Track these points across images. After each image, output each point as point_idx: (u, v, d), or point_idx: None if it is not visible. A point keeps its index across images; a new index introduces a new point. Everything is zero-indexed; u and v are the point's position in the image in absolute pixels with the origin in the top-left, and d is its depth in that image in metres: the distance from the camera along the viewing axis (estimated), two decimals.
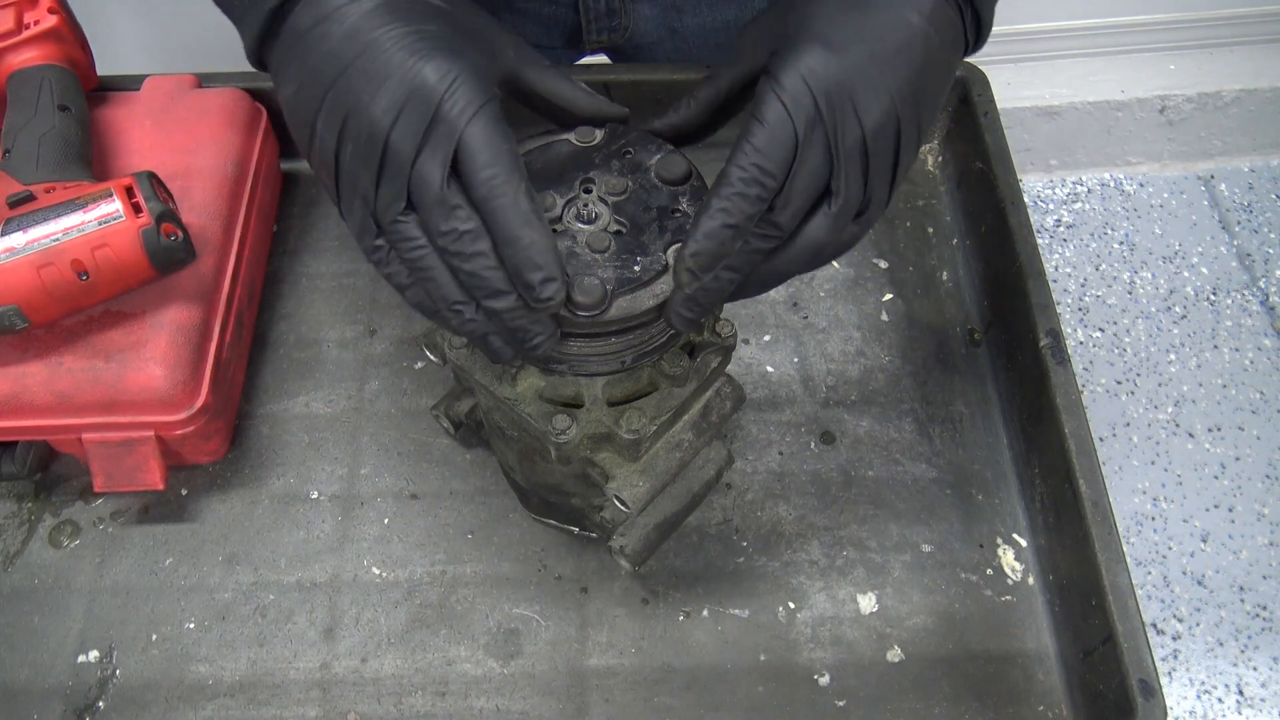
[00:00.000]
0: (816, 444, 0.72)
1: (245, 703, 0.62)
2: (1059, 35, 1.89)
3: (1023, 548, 0.68)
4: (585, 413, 0.54)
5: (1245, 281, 1.86)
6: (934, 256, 0.81)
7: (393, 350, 0.76)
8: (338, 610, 0.65)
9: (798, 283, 0.79)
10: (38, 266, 0.59)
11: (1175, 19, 1.87)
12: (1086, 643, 0.61)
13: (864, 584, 0.66)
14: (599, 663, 0.63)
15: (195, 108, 0.76)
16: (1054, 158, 2.00)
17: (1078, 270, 1.88)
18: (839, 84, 0.45)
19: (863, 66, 0.45)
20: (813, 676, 0.63)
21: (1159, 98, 1.91)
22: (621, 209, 0.51)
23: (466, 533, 0.68)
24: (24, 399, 0.63)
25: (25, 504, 0.69)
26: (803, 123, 0.45)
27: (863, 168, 0.46)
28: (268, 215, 0.80)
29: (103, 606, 0.65)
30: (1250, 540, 1.58)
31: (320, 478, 0.70)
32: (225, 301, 0.69)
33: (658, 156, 0.53)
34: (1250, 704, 1.46)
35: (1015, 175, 0.76)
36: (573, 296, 0.47)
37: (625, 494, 0.56)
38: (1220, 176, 2.01)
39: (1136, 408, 1.72)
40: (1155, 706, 0.56)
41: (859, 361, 0.75)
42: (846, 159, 0.46)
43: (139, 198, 0.61)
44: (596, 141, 0.53)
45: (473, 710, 0.62)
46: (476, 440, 0.71)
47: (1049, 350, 0.67)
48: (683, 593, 0.66)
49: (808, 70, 0.45)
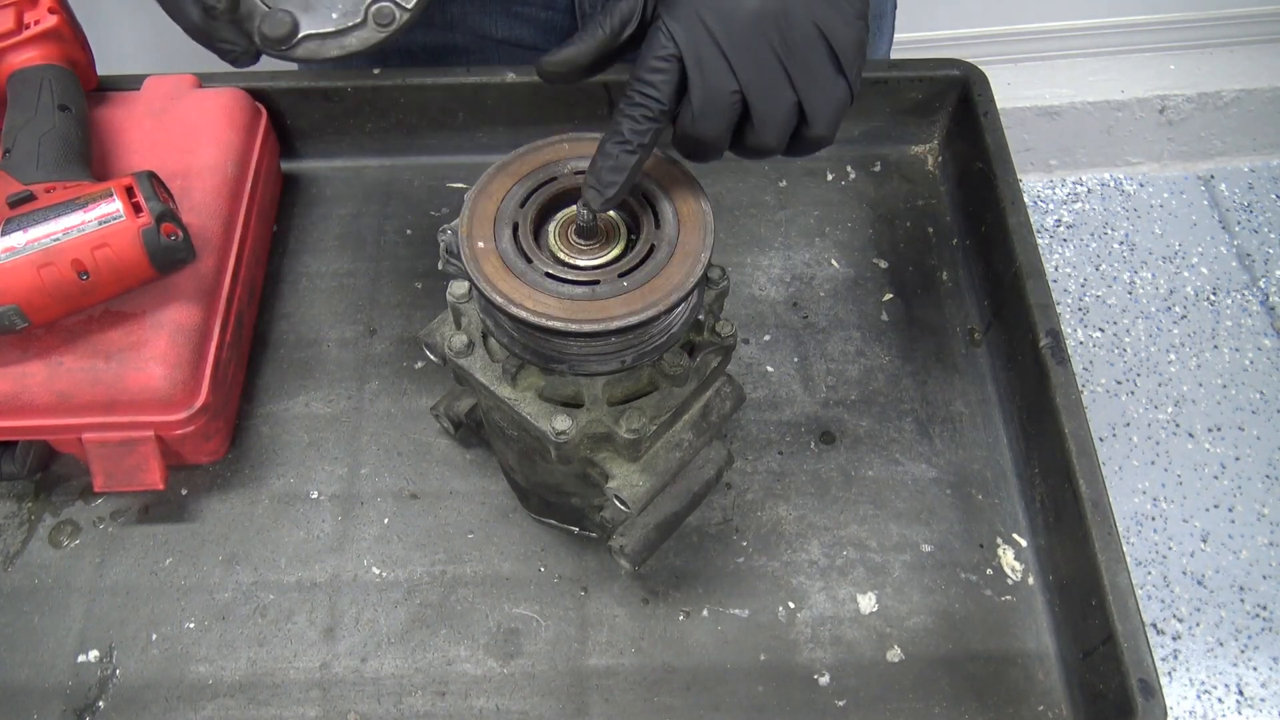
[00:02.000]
0: (816, 444, 0.72)
1: (245, 703, 0.62)
2: (1059, 35, 1.89)
3: (1023, 548, 0.68)
4: (585, 412, 0.54)
5: (1245, 281, 1.86)
6: (934, 256, 0.81)
7: (393, 350, 0.76)
8: (338, 610, 0.65)
9: (798, 283, 0.79)
10: (38, 266, 0.59)
11: (1175, 19, 1.88)
12: (1086, 643, 0.61)
13: (864, 584, 0.66)
14: (599, 663, 0.63)
15: (195, 108, 0.76)
16: (1054, 158, 2.00)
17: (1078, 270, 1.88)
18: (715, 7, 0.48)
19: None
20: (813, 676, 0.63)
21: (1159, 98, 1.91)
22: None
23: (466, 533, 0.68)
24: (24, 399, 0.63)
25: (25, 504, 0.69)
26: (688, 51, 0.49)
27: (767, 71, 0.49)
28: (268, 215, 0.80)
29: (103, 606, 0.65)
30: (1250, 540, 1.58)
31: (320, 478, 0.70)
32: (225, 301, 0.69)
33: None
34: (1250, 704, 1.46)
35: (1015, 175, 0.76)
36: (261, 28, 0.55)
37: (625, 494, 0.56)
38: (1220, 176, 2.01)
39: (1136, 408, 1.72)
40: (1155, 706, 0.56)
41: (859, 361, 0.75)
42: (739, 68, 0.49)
43: (139, 197, 0.61)
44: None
45: (473, 710, 0.62)
46: (476, 440, 0.71)
47: (1049, 350, 0.67)
48: (683, 593, 0.66)
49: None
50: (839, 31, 0.50)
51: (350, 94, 0.81)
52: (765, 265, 0.80)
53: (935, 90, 0.83)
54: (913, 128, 0.86)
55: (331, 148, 0.85)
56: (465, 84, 0.81)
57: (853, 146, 0.86)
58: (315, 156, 0.85)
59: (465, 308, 0.57)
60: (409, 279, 0.79)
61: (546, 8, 0.83)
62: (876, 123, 0.85)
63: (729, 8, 0.49)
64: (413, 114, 0.83)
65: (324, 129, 0.84)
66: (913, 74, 0.82)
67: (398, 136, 0.84)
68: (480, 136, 0.84)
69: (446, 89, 0.81)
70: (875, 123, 0.85)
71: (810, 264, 0.80)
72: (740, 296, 0.78)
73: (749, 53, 0.49)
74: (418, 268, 0.80)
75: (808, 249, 0.81)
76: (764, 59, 0.49)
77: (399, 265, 0.80)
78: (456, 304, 0.57)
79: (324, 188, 0.84)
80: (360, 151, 0.85)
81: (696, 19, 0.49)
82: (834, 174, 0.85)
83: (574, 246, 0.52)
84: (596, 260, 0.52)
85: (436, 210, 0.83)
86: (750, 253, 0.81)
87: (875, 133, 0.86)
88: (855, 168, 0.86)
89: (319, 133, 0.84)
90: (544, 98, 0.81)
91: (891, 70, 0.82)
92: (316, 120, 0.83)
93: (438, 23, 0.85)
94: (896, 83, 0.82)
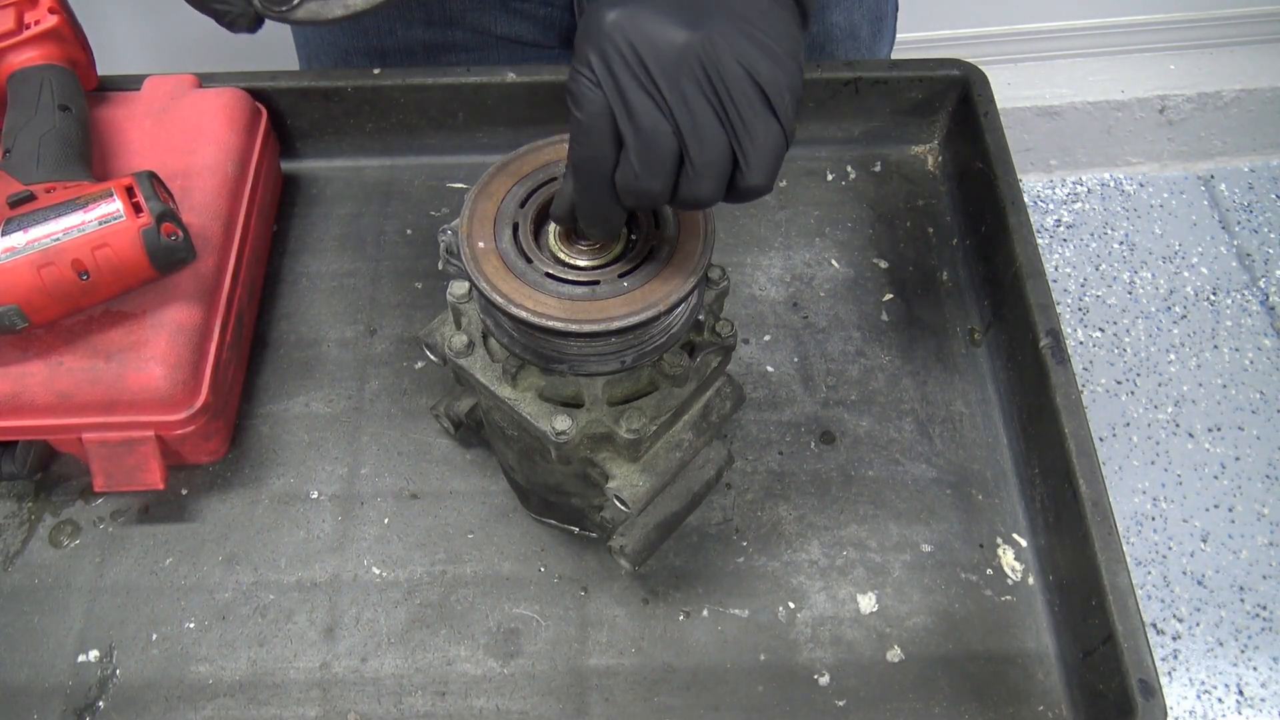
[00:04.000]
0: (816, 444, 0.72)
1: (245, 703, 0.62)
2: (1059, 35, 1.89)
3: (1023, 548, 0.68)
4: (585, 413, 0.54)
5: (1245, 281, 1.86)
6: (934, 256, 0.81)
7: (393, 350, 0.76)
8: (338, 610, 0.65)
9: (798, 283, 0.79)
10: (38, 266, 0.59)
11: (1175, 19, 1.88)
12: (1086, 643, 0.61)
13: (864, 584, 0.66)
14: (599, 663, 0.63)
15: (195, 108, 0.76)
16: (1054, 158, 2.00)
17: (1078, 270, 1.88)
18: (626, 40, 0.44)
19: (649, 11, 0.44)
20: (813, 676, 0.63)
21: (1159, 98, 1.91)
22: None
23: (466, 533, 0.68)
24: (24, 399, 0.63)
25: (25, 504, 0.69)
26: (611, 94, 0.44)
27: (694, 110, 0.44)
28: (268, 215, 0.80)
29: (103, 606, 0.65)
30: (1250, 540, 1.58)
31: (320, 478, 0.70)
32: (225, 301, 0.69)
33: None
34: (1250, 704, 1.46)
35: (1015, 175, 0.76)
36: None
37: (625, 494, 0.56)
38: (1220, 176, 2.01)
39: (1136, 408, 1.72)
40: (1155, 706, 0.56)
41: (859, 361, 0.75)
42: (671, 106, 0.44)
43: (139, 197, 0.61)
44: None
45: (473, 710, 0.62)
46: (476, 440, 0.71)
47: (1049, 350, 0.67)
48: (683, 593, 0.66)
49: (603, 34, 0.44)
50: (766, 72, 0.44)
51: (350, 94, 0.81)
52: (765, 265, 0.80)
53: (935, 90, 0.83)
54: (913, 128, 0.86)
55: (331, 148, 0.85)
56: (465, 84, 0.81)
57: (853, 146, 0.86)
58: (315, 156, 0.85)
59: (465, 308, 0.57)
60: (409, 279, 0.79)
61: (546, 4, 0.83)
62: (876, 123, 0.85)
63: (651, 43, 0.44)
64: (413, 114, 0.83)
65: (324, 129, 0.84)
66: (913, 74, 0.82)
67: (398, 136, 0.84)
68: (480, 136, 0.84)
69: (446, 89, 0.81)
70: (875, 123, 0.85)
71: (810, 264, 0.80)
72: (740, 296, 0.78)
73: (678, 93, 0.44)
74: (418, 268, 0.80)
75: (808, 249, 0.81)
76: (694, 99, 0.44)
77: (399, 265, 0.80)
78: (456, 304, 0.57)
79: (324, 188, 0.84)
80: (360, 151, 0.85)
81: (618, 56, 0.44)
82: (834, 174, 0.85)
83: (574, 247, 0.52)
84: (596, 260, 0.52)
85: (436, 210, 0.83)
86: (750, 253, 0.81)
87: (875, 133, 0.86)
88: (855, 168, 0.86)
89: (319, 133, 0.84)
90: (544, 98, 0.81)
91: (891, 70, 0.82)
92: (316, 120, 0.83)
93: (437, 19, 0.85)
94: (896, 83, 0.82)
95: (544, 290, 0.50)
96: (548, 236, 0.53)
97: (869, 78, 0.82)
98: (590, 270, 0.52)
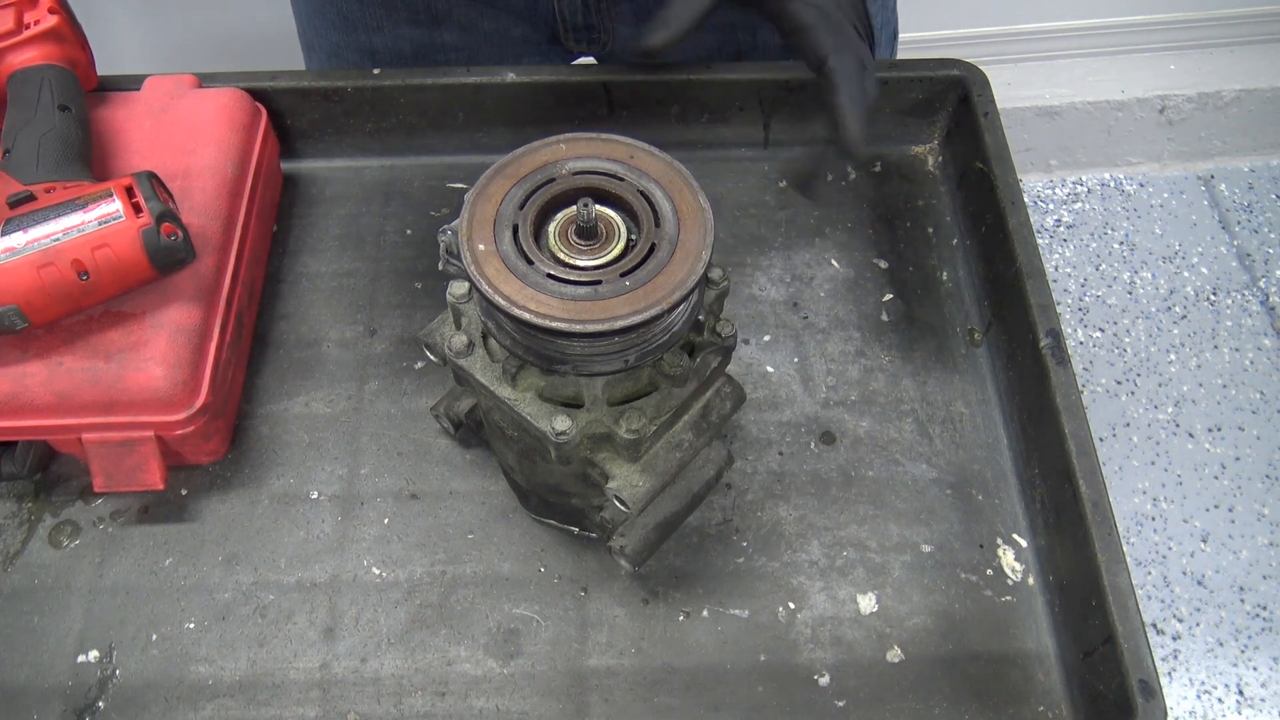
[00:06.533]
0: (816, 444, 0.72)
1: (245, 703, 0.62)
2: (1059, 35, 1.89)
3: (1023, 548, 0.68)
4: (585, 413, 0.54)
5: (1245, 281, 1.86)
6: (934, 256, 0.81)
7: (393, 350, 0.76)
8: (338, 610, 0.65)
9: (798, 283, 0.79)
10: (38, 266, 0.59)
11: (1175, 19, 1.88)
12: (1086, 643, 0.61)
13: (864, 584, 0.66)
14: (599, 663, 0.63)
15: (195, 108, 0.76)
16: (1054, 158, 2.00)
17: (1078, 270, 1.88)
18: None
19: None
20: (813, 677, 0.63)
21: (1159, 98, 1.91)
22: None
23: (466, 533, 0.68)
24: (24, 399, 0.63)
25: (25, 504, 0.69)
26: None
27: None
28: (268, 215, 0.80)
29: (103, 606, 0.65)
30: (1250, 540, 1.58)
31: (320, 478, 0.70)
32: (225, 301, 0.69)
33: None
34: (1250, 704, 1.46)
35: (1015, 175, 0.76)
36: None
37: (625, 494, 0.56)
38: (1220, 176, 2.01)
39: (1136, 408, 1.72)
40: (1155, 707, 0.56)
41: (859, 361, 0.75)
42: None
43: (139, 198, 0.61)
44: None
45: (473, 710, 0.62)
46: (476, 440, 0.71)
47: (1049, 350, 0.67)
48: (683, 593, 0.66)
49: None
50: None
51: (350, 94, 0.81)
52: (765, 265, 0.80)
53: (935, 90, 0.83)
54: (913, 128, 0.86)
55: (331, 148, 0.85)
56: (465, 84, 0.81)
57: None
58: (315, 156, 0.85)
59: (465, 308, 0.57)
60: (409, 279, 0.79)
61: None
62: (877, 123, 0.85)
63: None
64: (413, 114, 0.83)
65: (324, 129, 0.84)
66: (913, 74, 0.82)
67: (398, 136, 0.84)
68: (480, 136, 0.84)
69: (446, 89, 0.81)
70: (875, 123, 0.85)
71: (810, 264, 0.80)
72: (740, 296, 0.78)
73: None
74: (418, 268, 0.80)
75: (808, 249, 0.81)
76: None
77: (399, 265, 0.80)
78: (456, 304, 0.57)
79: (324, 188, 0.84)
80: (360, 151, 0.85)
81: None
82: (834, 174, 0.85)
83: (574, 247, 0.52)
84: (597, 260, 0.52)
85: (436, 210, 0.83)
86: (750, 253, 0.81)
87: (875, 133, 0.85)
88: (855, 168, 0.86)
89: (319, 133, 0.84)
90: (544, 98, 0.81)
91: (891, 70, 0.82)
92: (316, 120, 0.83)
93: (424, 19, 0.85)
94: (896, 83, 0.82)
95: (546, 291, 0.50)
96: (548, 237, 0.53)
97: None
98: (591, 270, 0.52)
